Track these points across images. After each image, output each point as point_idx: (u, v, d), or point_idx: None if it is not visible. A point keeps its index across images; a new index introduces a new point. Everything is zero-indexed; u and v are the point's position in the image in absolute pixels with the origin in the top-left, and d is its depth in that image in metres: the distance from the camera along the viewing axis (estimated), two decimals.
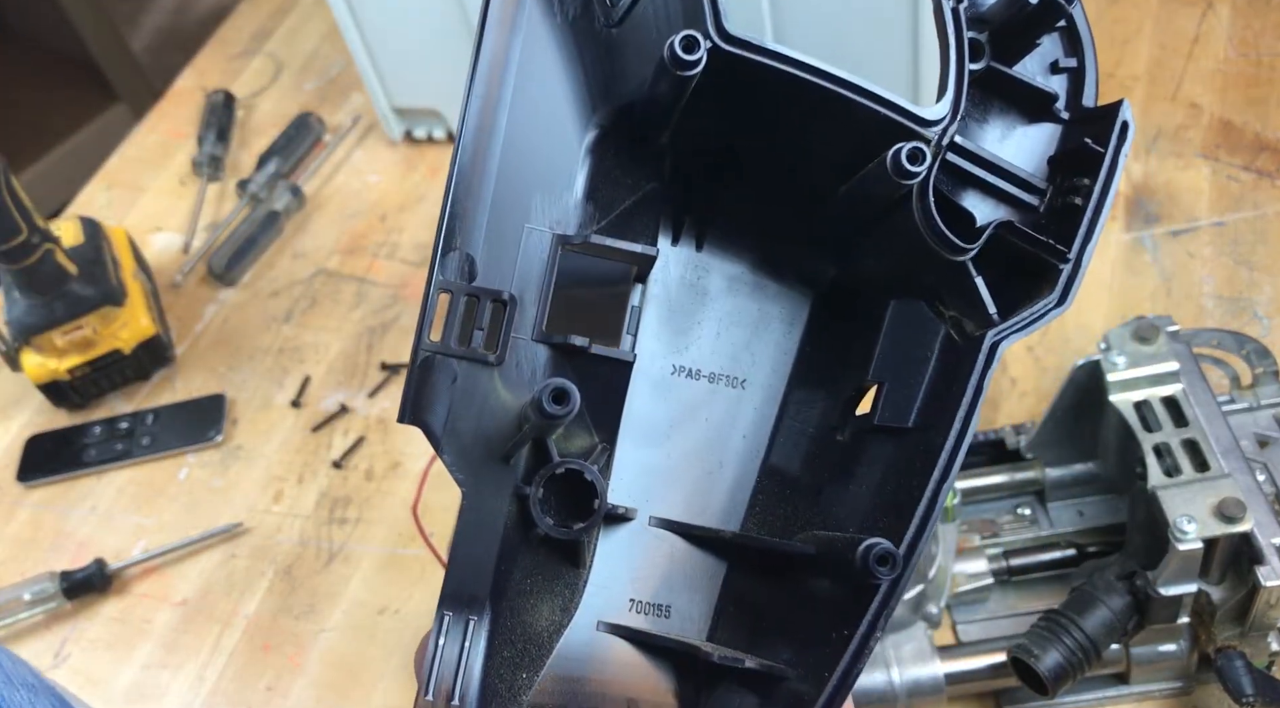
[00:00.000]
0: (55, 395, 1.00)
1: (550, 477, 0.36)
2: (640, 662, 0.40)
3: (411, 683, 0.80)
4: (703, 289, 0.44)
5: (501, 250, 0.37)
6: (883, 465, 0.39)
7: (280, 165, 1.17)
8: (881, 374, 0.40)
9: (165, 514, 0.93)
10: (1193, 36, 1.12)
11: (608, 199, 0.40)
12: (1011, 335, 0.37)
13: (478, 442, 0.36)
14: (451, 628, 0.35)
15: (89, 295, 0.96)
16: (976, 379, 0.37)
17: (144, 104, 1.47)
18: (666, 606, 0.42)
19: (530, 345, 0.38)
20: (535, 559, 0.38)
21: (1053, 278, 0.37)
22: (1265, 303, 0.90)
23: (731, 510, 0.43)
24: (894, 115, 0.36)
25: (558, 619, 0.39)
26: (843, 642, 0.35)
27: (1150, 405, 0.69)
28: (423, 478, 0.81)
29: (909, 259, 0.39)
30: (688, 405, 0.43)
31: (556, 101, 0.38)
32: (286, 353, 1.03)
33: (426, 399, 0.36)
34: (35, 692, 0.49)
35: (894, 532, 0.36)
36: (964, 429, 0.37)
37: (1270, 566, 0.61)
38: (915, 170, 0.36)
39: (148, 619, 0.87)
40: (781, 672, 0.37)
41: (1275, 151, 1.00)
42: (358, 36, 1.09)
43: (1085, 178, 0.38)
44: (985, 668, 0.70)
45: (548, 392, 0.32)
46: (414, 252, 1.10)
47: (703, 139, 0.40)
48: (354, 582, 0.86)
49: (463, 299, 0.36)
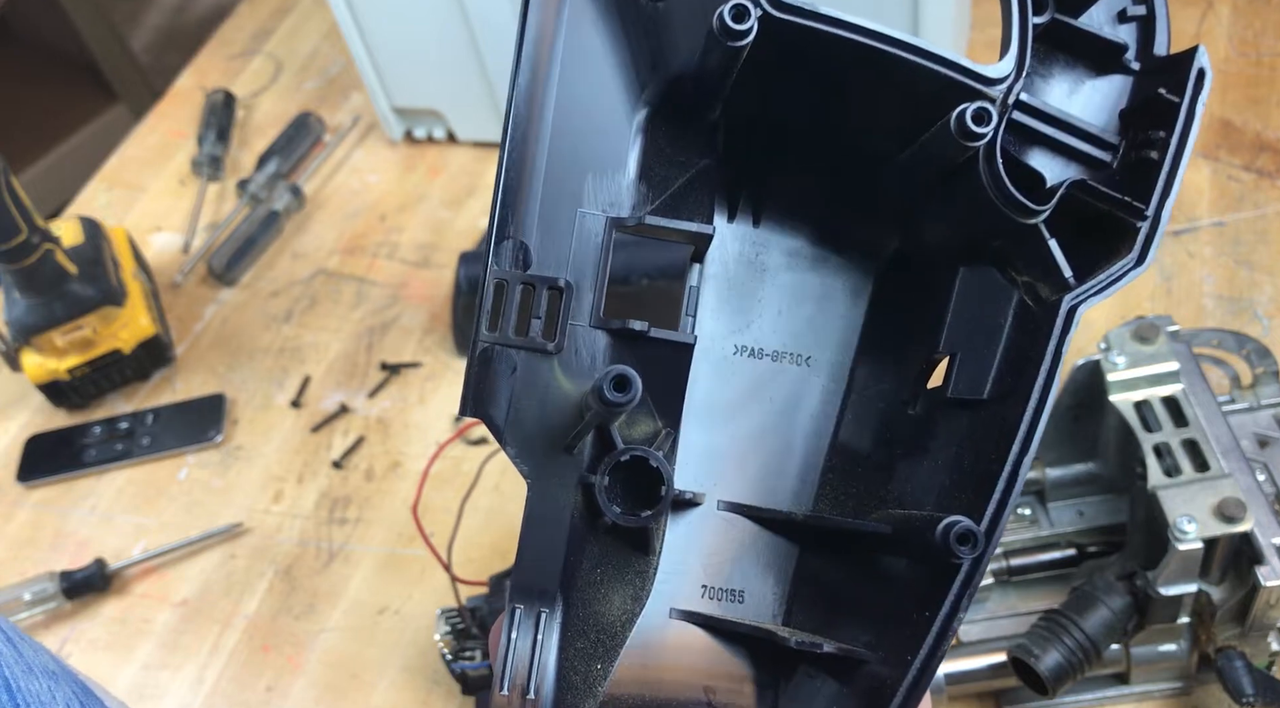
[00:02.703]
0: (55, 395, 1.00)
1: (616, 465, 0.35)
2: (715, 648, 0.40)
3: (411, 684, 0.80)
4: (762, 265, 0.42)
5: (555, 236, 0.37)
6: (958, 440, 0.38)
7: (280, 165, 1.17)
8: (953, 345, 0.39)
9: (165, 514, 0.93)
10: (1193, 36, 1.12)
11: (661, 178, 0.39)
12: (1090, 298, 0.36)
13: (540, 432, 0.36)
14: (523, 621, 0.35)
15: (89, 295, 0.96)
16: (1055, 345, 0.36)
17: (144, 104, 1.47)
18: (740, 590, 0.41)
19: (589, 332, 0.37)
20: (604, 549, 0.38)
21: (1130, 237, 0.36)
22: (1265, 303, 0.90)
23: (802, 491, 0.42)
24: (956, 75, 0.35)
25: (630, 609, 0.39)
26: (924, 624, 0.35)
27: (1150, 405, 0.69)
28: (423, 478, 0.81)
29: (976, 224, 0.38)
30: (752, 385, 0.42)
31: (604, 81, 0.37)
32: (286, 353, 1.03)
33: (487, 391, 0.35)
34: (56, 679, 0.49)
35: (974, 509, 0.35)
36: (1043, 398, 0.36)
37: (1270, 566, 0.61)
38: (981, 131, 0.34)
39: (147, 619, 0.87)
40: (861, 655, 0.37)
41: (1275, 151, 1.00)
42: (358, 36, 1.09)
43: (1160, 131, 0.36)
44: (985, 668, 0.70)
45: (609, 379, 0.32)
46: (414, 252, 1.10)
47: (756, 110, 0.39)
48: (354, 582, 0.86)
49: (519, 288, 0.36)
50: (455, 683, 0.75)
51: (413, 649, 0.81)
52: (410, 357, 1.00)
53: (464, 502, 0.78)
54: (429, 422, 0.95)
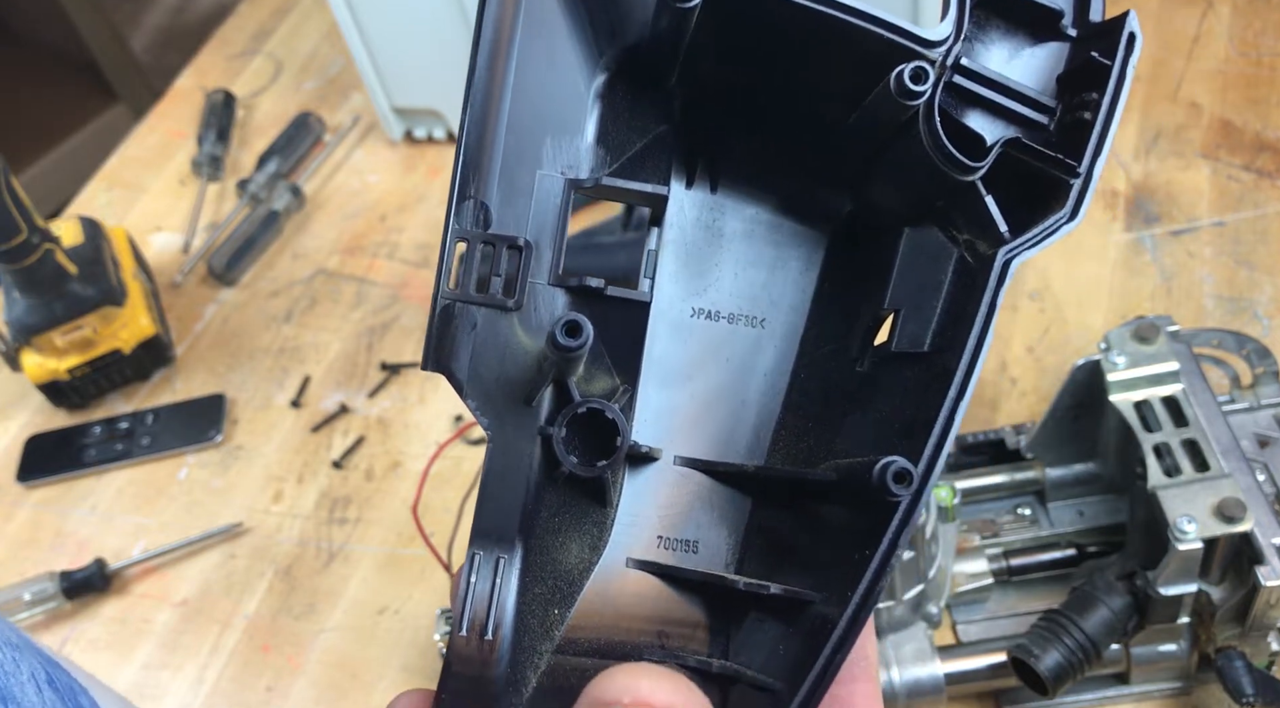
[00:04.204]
0: (55, 395, 1.00)
1: (573, 417, 0.37)
2: (670, 596, 0.41)
3: (411, 684, 0.80)
4: (719, 231, 0.44)
5: (515, 197, 0.38)
6: (900, 391, 0.40)
7: (280, 165, 1.17)
8: (897, 302, 0.40)
9: (165, 514, 0.93)
10: (1193, 36, 1.12)
11: (619, 143, 0.40)
12: (1024, 251, 0.37)
13: (501, 386, 0.37)
14: (482, 566, 0.36)
15: (89, 295, 0.96)
16: (990, 297, 0.37)
17: (144, 104, 1.47)
18: (694, 541, 0.42)
19: (548, 290, 0.38)
20: (562, 498, 0.39)
21: (1063, 194, 0.37)
22: (1265, 303, 0.90)
23: (756, 447, 0.43)
24: (896, 37, 0.37)
25: (588, 557, 0.40)
26: (864, 562, 0.36)
27: (1150, 405, 0.69)
28: (423, 478, 0.81)
29: (919, 184, 0.39)
30: (709, 346, 0.43)
31: (563, 48, 0.39)
32: (286, 353, 1.03)
33: (448, 346, 0.36)
34: (20, 651, 0.49)
35: (911, 452, 0.36)
36: (978, 348, 0.37)
37: (1270, 566, 0.61)
38: (919, 89, 0.36)
39: (147, 619, 0.87)
40: (806, 596, 0.38)
41: (1275, 151, 1.00)
42: (358, 36, 1.09)
43: (1094, 92, 0.38)
44: (985, 668, 0.70)
45: (560, 325, 0.33)
46: (414, 252, 1.10)
47: (711, 78, 0.41)
48: (354, 582, 0.86)
49: (479, 247, 0.37)
50: None
51: (413, 649, 0.81)
52: (410, 357, 1.00)
53: (464, 502, 0.78)
54: (429, 422, 0.95)
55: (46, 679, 0.49)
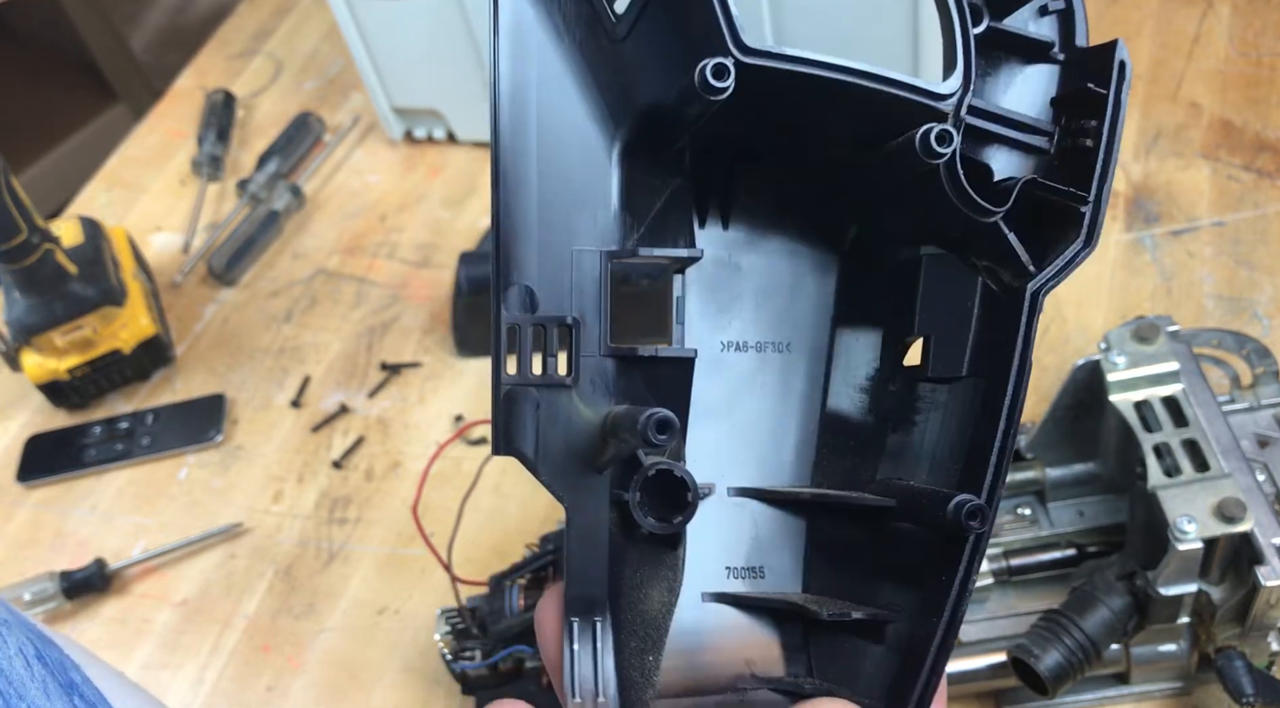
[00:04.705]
0: (55, 395, 1.00)
1: (645, 481, 0.38)
2: (747, 623, 0.43)
3: (411, 684, 0.80)
4: (736, 265, 0.45)
5: (555, 275, 0.39)
6: (941, 414, 0.42)
7: (280, 165, 1.17)
8: (927, 327, 0.42)
9: (165, 514, 0.93)
10: (1193, 36, 1.12)
11: (642, 205, 0.42)
12: (1050, 284, 0.39)
13: (568, 459, 0.39)
14: (580, 633, 0.38)
15: (89, 295, 0.96)
16: (1025, 330, 0.39)
17: (144, 104, 1.47)
18: (760, 567, 0.44)
19: (599, 360, 0.40)
20: (640, 553, 0.40)
21: (1077, 221, 0.39)
22: (1265, 303, 0.90)
23: (799, 467, 0.45)
24: (911, 96, 0.38)
25: (668, 600, 0.41)
26: (945, 584, 0.38)
27: (1150, 405, 0.69)
28: (423, 478, 0.81)
29: (935, 217, 0.40)
30: (742, 378, 0.45)
31: (580, 124, 0.40)
32: (286, 353, 1.03)
33: (516, 429, 0.38)
34: (8, 626, 0.49)
35: (967, 480, 0.39)
36: (1020, 378, 0.39)
37: (1270, 566, 0.61)
38: (944, 151, 0.37)
39: (147, 619, 0.87)
40: (886, 617, 0.40)
41: (1275, 151, 1.00)
42: (358, 36, 1.09)
43: (1092, 120, 0.40)
44: (985, 668, 0.70)
45: (652, 423, 0.34)
46: (414, 252, 1.10)
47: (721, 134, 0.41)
48: (354, 582, 0.86)
49: (530, 330, 0.38)
50: (455, 683, 0.75)
51: (413, 649, 0.81)
52: (410, 357, 1.00)
53: (464, 502, 0.78)
54: (429, 422, 0.95)
55: (36, 654, 0.49)
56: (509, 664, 0.73)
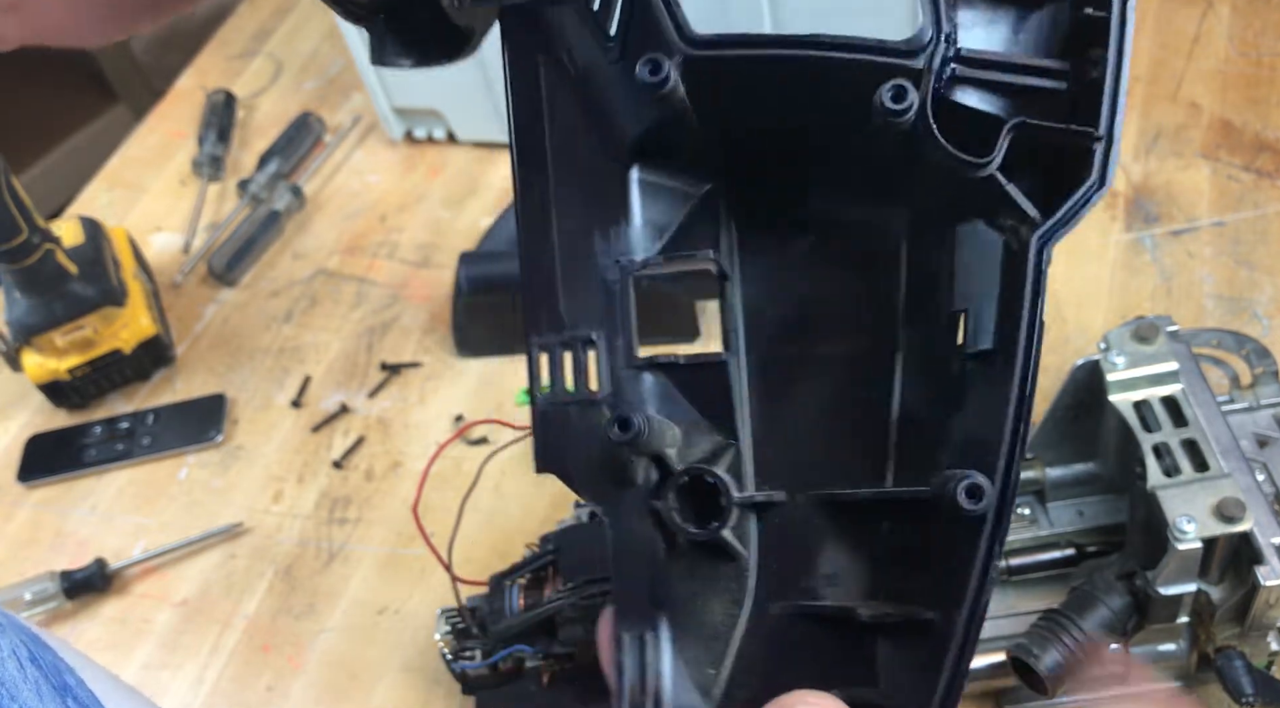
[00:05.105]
0: (55, 395, 1.00)
1: (677, 487, 0.38)
2: (818, 632, 0.42)
3: (411, 684, 0.80)
4: (788, 262, 0.44)
5: (580, 293, 0.40)
6: (979, 392, 0.39)
7: (280, 165, 1.17)
8: (963, 300, 0.40)
9: (165, 514, 0.93)
10: (1193, 36, 1.12)
11: (664, 217, 0.42)
12: (1058, 231, 0.36)
13: (605, 473, 0.39)
14: (629, 645, 0.38)
15: (89, 295, 0.96)
16: (1032, 285, 0.36)
17: (144, 104, 1.47)
18: (831, 574, 0.42)
19: (630, 372, 0.40)
20: (690, 563, 0.40)
21: (1089, 161, 0.36)
22: (1265, 303, 0.90)
23: (875, 466, 0.43)
24: (874, 57, 0.36)
25: (732, 611, 0.41)
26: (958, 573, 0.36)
27: (1150, 405, 0.69)
28: (423, 478, 0.81)
29: (951, 183, 0.39)
30: (805, 379, 0.44)
31: (593, 145, 0.40)
32: (286, 353, 1.03)
33: (554, 447, 0.39)
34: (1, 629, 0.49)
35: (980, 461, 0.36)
36: (1030, 343, 0.36)
37: (1270, 565, 0.61)
38: (902, 107, 0.35)
39: (148, 619, 0.87)
40: (923, 615, 0.38)
41: (1275, 151, 1.00)
42: (358, 36, 1.09)
43: (1098, 48, 0.37)
44: (985, 668, 0.70)
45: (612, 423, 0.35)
46: (414, 252, 1.10)
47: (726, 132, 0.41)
48: (354, 582, 0.86)
49: (559, 350, 0.39)
50: (455, 683, 0.75)
51: (413, 649, 0.81)
52: (410, 357, 1.00)
53: (464, 502, 0.78)
54: (429, 422, 0.95)
55: (29, 657, 0.49)
56: (509, 664, 0.73)
